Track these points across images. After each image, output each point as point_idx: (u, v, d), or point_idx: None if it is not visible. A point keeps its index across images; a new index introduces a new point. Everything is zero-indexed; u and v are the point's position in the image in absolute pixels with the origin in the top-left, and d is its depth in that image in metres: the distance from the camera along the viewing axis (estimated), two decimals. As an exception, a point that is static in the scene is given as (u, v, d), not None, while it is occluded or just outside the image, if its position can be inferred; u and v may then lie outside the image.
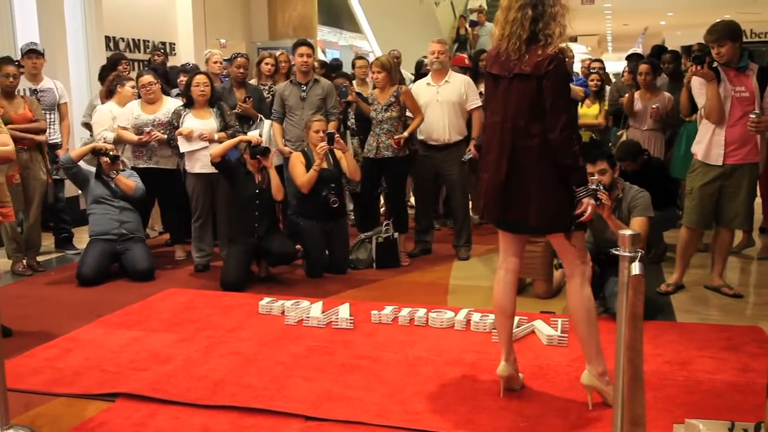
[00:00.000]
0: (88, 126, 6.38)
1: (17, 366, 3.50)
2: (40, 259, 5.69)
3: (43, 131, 5.68)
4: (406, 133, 5.49)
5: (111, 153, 5.27)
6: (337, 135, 5.26)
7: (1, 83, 5.34)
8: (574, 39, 6.07)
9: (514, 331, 3.80)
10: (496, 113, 3.00)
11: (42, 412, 3.08)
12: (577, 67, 9.13)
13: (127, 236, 5.29)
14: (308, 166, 5.27)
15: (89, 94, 7.45)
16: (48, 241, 6.22)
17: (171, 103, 5.73)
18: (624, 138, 6.37)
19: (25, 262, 5.52)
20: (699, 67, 4.33)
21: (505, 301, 3.16)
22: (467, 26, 14.42)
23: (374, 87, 5.91)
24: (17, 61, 5.95)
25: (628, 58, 7.36)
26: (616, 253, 2.23)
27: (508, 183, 2.94)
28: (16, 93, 5.48)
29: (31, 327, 4.15)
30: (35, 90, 6.00)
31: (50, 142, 5.98)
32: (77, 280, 5.11)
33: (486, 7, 15.61)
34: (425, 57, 7.79)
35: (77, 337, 4.00)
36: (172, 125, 5.46)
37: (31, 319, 4.31)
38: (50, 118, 6.06)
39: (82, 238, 6.31)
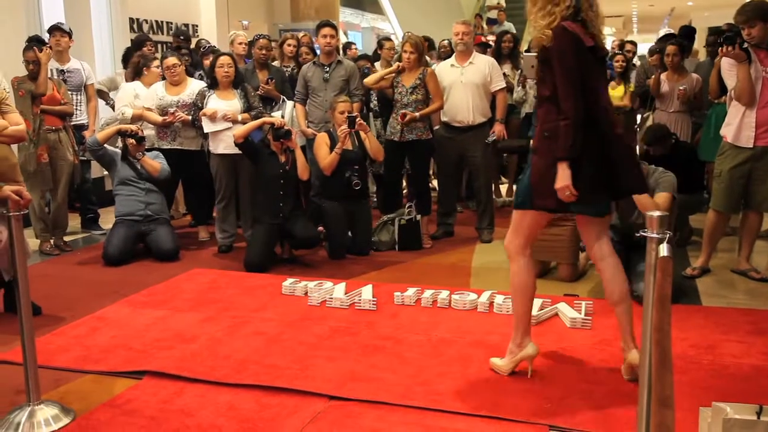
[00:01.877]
0: (101, 94, 6.44)
1: (47, 343, 3.56)
2: (66, 239, 5.76)
3: (70, 115, 5.73)
4: (417, 114, 5.43)
5: (137, 135, 5.30)
6: (359, 118, 5.24)
7: (26, 68, 5.39)
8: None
9: (537, 313, 3.84)
10: (603, 89, 3.04)
11: (71, 388, 3.13)
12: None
13: (152, 217, 5.34)
14: (333, 147, 5.27)
15: (115, 71, 7.49)
16: (74, 221, 6.29)
17: (195, 85, 5.74)
18: (650, 120, 6.30)
19: (52, 242, 5.59)
20: (730, 48, 4.26)
21: (534, 286, 3.21)
22: (484, 25, 13.40)
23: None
24: (43, 40, 5.97)
25: (661, 39, 7.22)
26: (644, 234, 2.21)
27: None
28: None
29: (59, 305, 4.22)
30: (62, 70, 6.05)
31: (77, 123, 6.03)
32: (103, 260, 5.17)
33: (504, 4, 15.16)
34: (444, 41, 7.75)
35: (104, 315, 4.06)
36: (196, 106, 5.48)
37: (58, 297, 4.38)
38: (77, 99, 6.11)
39: (107, 218, 6.38)
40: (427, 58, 7.90)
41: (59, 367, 3.32)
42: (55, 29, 6.05)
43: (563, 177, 2.85)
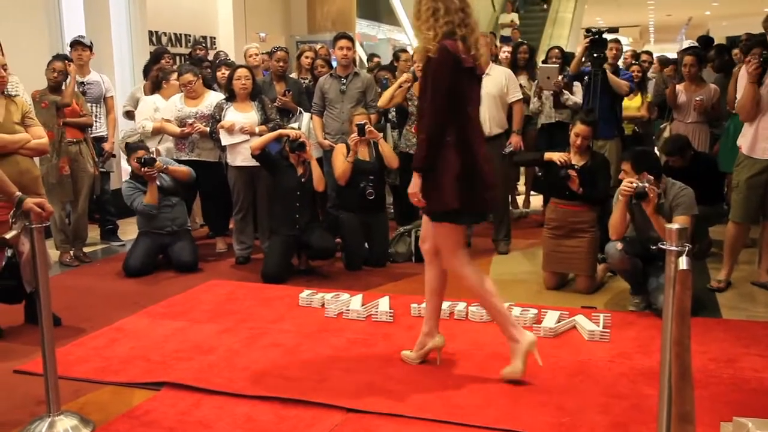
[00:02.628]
0: (129, 114, 6.50)
1: (67, 354, 3.59)
2: (86, 250, 5.81)
3: (90, 126, 5.79)
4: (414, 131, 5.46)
5: (145, 158, 5.20)
6: (368, 125, 5.24)
7: (48, 77, 5.46)
8: (614, 30, 5.98)
9: (554, 326, 3.83)
10: (475, 107, 3.23)
11: (91, 399, 3.16)
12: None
13: (176, 230, 5.38)
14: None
15: (133, 88, 7.57)
16: (93, 232, 6.35)
17: (213, 97, 5.80)
18: (667, 131, 6.26)
19: (72, 252, 5.65)
20: (755, 63, 4.25)
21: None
22: (498, 43, 13.60)
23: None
24: (64, 54, 6.06)
25: (683, 51, 7.17)
26: (663, 247, 2.20)
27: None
28: (62, 88, 5.58)
29: (79, 316, 4.25)
30: (82, 82, 6.12)
31: (96, 134, 6.10)
32: (124, 271, 5.22)
33: (518, 22, 15.16)
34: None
35: (123, 326, 4.09)
36: (214, 118, 5.52)
37: (78, 308, 4.42)
38: (96, 111, 6.18)
39: (126, 229, 6.45)
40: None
41: (79, 378, 3.35)
42: (76, 43, 6.13)
43: (413, 185, 3.15)
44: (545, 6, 18.88)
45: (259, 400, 3.10)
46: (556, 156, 4.73)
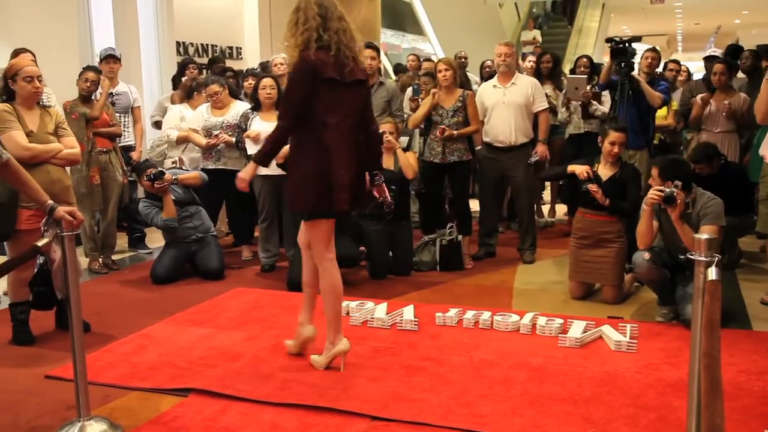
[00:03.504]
0: (158, 124, 6.59)
1: (96, 360, 3.63)
2: (114, 257, 5.89)
3: (119, 135, 5.89)
4: (456, 133, 5.45)
5: (153, 173, 5.25)
6: (386, 134, 5.24)
7: (80, 87, 5.55)
8: (638, 39, 5.95)
9: (580, 336, 3.81)
10: (337, 113, 3.31)
11: (119, 405, 3.20)
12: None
13: (202, 237, 5.43)
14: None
15: (160, 97, 7.67)
16: (122, 240, 6.43)
17: (239, 106, 5.85)
18: (695, 142, 6.19)
19: (101, 260, 5.73)
20: None
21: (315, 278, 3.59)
22: (519, 61, 13.59)
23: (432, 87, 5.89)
24: (94, 66, 6.16)
25: (706, 59, 7.10)
26: (692, 257, 2.18)
27: (356, 173, 3.41)
28: (93, 98, 5.68)
29: (108, 323, 4.31)
30: (111, 93, 6.21)
31: (124, 144, 6.19)
32: (151, 278, 5.28)
33: (540, 40, 15.11)
34: (487, 61, 7.77)
35: (151, 333, 4.13)
36: (240, 128, 5.58)
37: (106, 315, 4.48)
38: (124, 121, 6.28)
39: (153, 237, 6.52)
40: (475, 78, 7.94)
41: (108, 384, 3.39)
42: (108, 57, 6.23)
43: (244, 171, 3.60)
44: (569, 24, 18.74)
45: (285, 408, 3.12)
46: (578, 170, 4.71)
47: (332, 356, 3.52)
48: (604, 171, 4.73)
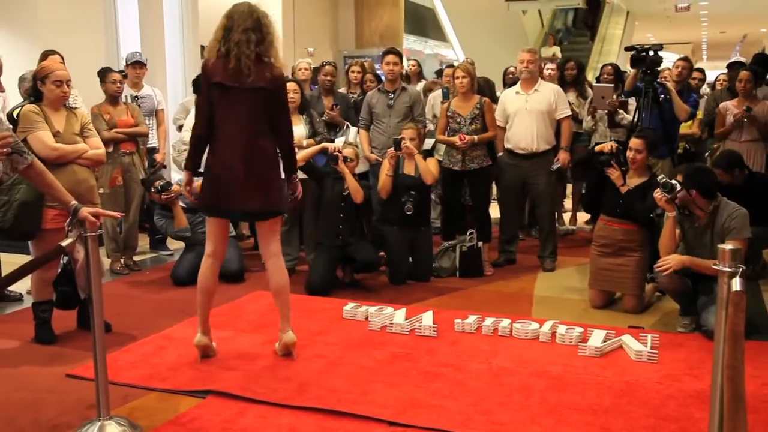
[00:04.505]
0: (182, 127, 6.64)
1: (116, 360, 3.67)
2: (136, 258, 5.94)
3: (145, 135, 5.95)
4: (476, 138, 5.44)
5: (160, 185, 5.29)
6: (405, 141, 5.25)
7: (109, 89, 5.63)
8: (659, 47, 5.92)
9: (600, 345, 3.78)
10: (227, 118, 3.50)
11: (139, 405, 3.22)
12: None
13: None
14: (398, 171, 5.33)
15: (183, 100, 7.74)
16: (143, 241, 6.49)
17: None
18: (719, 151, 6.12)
19: (122, 261, 5.78)
20: None
21: (211, 282, 3.76)
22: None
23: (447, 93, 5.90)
24: (121, 70, 6.24)
25: (729, 66, 7.02)
26: (716, 268, 2.16)
27: (242, 177, 3.50)
28: (120, 99, 5.75)
29: (128, 323, 4.35)
30: (136, 96, 6.29)
31: (148, 146, 6.25)
32: (172, 280, 5.32)
33: (560, 56, 15.02)
34: (510, 68, 7.74)
35: (171, 335, 4.16)
36: (262, 132, 5.60)
37: (127, 315, 4.51)
38: (148, 124, 6.34)
39: (174, 239, 6.56)
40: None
41: (128, 384, 3.42)
42: (136, 63, 6.30)
43: (184, 181, 3.79)
44: (590, 40, 18.23)
45: (302, 411, 3.12)
46: (607, 146, 4.69)
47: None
48: (633, 180, 4.68)
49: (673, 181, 4.04)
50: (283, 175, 3.68)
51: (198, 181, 3.78)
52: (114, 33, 7.23)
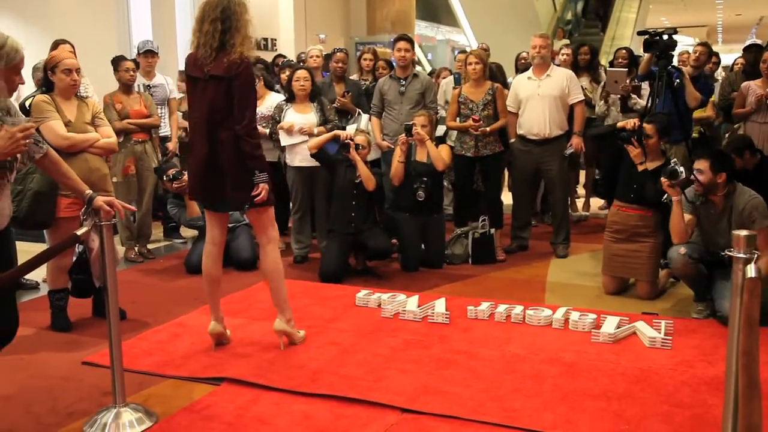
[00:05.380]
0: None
1: (131, 347, 3.70)
2: (150, 246, 5.98)
3: (156, 126, 5.96)
4: (488, 129, 5.42)
5: (173, 174, 5.33)
6: (416, 127, 5.24)
7: (122, 77, 5.65)
8: (673, 31, 5.84)
9: (614, 331, 3.77)
10: (196, 109, 3.55)
11: (154, 392, 3.25)
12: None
13: (234, 227, 5.48)
14: (410, 158, 5.32)
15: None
16: (157, 230, 6.52)
17: (274, 98, 5.88)
18: (741, 132, 6.04)
19: (136, 249, 5.82)
20: None
21: (214, 270, 3.78)
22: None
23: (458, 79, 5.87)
24: (133, 59, 6.25)
25: (745, 49, 6.92)
26: (730, 254, 2.14)
27: (210, 168, 3.51)
28: (133, 88, 5.76)
29: (143, 311, 4.38)
30: (148, 85, 6.30)
31: (161, 134, 6.27)
32: (185, 267, 5.35)
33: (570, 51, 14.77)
34: (522, 53, 7.70)
35: (184, 322, 4.19)
36: (273, 119, 5.61)
37: (142, 303, 4.55)
38: (161, 112, 6.35)
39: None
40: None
41: (142, 371, 3.45)
42: (147, 52, 6.31)
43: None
44: (601, 32, 17.65)
45: (316, 398, 3.14)
46: (630, 123, 4.67)
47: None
48: (648, 163, 4.65)
49: (678, 167, 4.01)
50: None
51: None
52: (126, 21, 7.25)
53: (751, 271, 2.04)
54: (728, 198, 4.03)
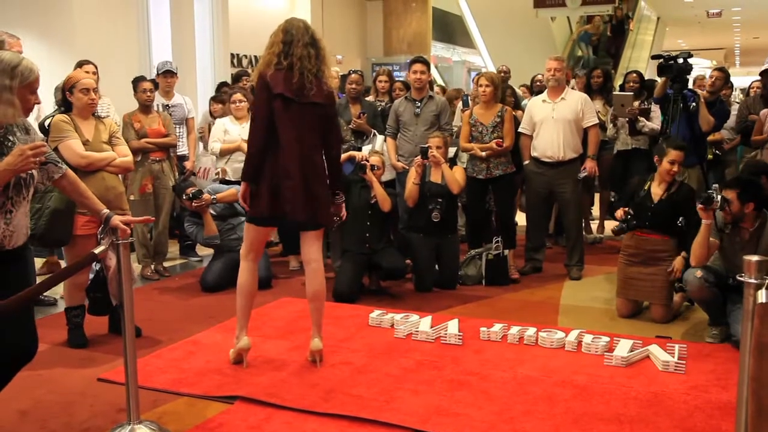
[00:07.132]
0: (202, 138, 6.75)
1: (146, 365, 3.73)
2: (165, 264, 6.03)
3: (173, 146, 6.04)
4: (484, 154, 5.49)
5: (192, 193, 5.35)
6: (432, 150, 5.27)
7: (140, 98, 5.74)
8: (688, 55, 5.85)
9: (627, 355, 3.76)
10: (289, 129, 3.55)
11: (168, 409, 3.28)
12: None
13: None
14: (425, 180, 5.36)
15: (205, 110, 7.83)
16: (173, 248, 6.58)
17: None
18: (758, 158, 6.03)
19: (152, 266, 5.87)
20: None
21: (252, 285, 3.84)
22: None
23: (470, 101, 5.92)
24: (152, 79, 6.36)
25: (762, 73, 6.92)
26: (741, 279, 2.15)
27: (302, 188, 3.57)
28: (152, 108, 5.85)
29: (158, 328, 4.42)
30: (167, 105, 6.39)
31: (178, 153, 6.35)
32: (201, 286, 5.39)
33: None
34: (538, 75, 7.75)
35: (199, 340, 4.22)
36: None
37: (157, 321, 4.59)
38: (179, 132, 6.44)
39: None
40: (521, 92, 7.91)
41: (157, 389, 3.48)
42: (166, 72, 6.41)
43: (240, 191, 3.74)
44: (612, 69, 17.07)
45: (328, 418, 3.15)
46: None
47: (237, 352, 3.80)
48: (658, 190, 4.65)
49: (714, 194, 3.96)
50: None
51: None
52: (147, 42, 7.37)
53: (762, 296, 2.05)
54: (758, 228, 4.01)
